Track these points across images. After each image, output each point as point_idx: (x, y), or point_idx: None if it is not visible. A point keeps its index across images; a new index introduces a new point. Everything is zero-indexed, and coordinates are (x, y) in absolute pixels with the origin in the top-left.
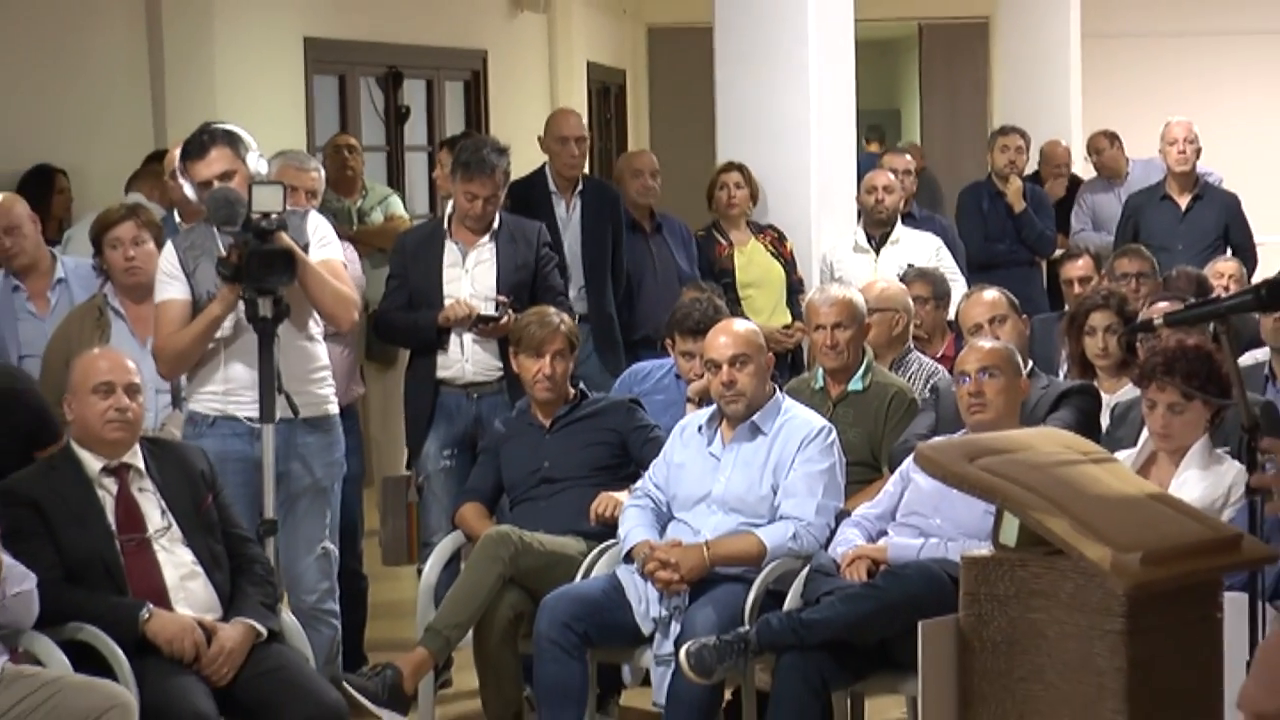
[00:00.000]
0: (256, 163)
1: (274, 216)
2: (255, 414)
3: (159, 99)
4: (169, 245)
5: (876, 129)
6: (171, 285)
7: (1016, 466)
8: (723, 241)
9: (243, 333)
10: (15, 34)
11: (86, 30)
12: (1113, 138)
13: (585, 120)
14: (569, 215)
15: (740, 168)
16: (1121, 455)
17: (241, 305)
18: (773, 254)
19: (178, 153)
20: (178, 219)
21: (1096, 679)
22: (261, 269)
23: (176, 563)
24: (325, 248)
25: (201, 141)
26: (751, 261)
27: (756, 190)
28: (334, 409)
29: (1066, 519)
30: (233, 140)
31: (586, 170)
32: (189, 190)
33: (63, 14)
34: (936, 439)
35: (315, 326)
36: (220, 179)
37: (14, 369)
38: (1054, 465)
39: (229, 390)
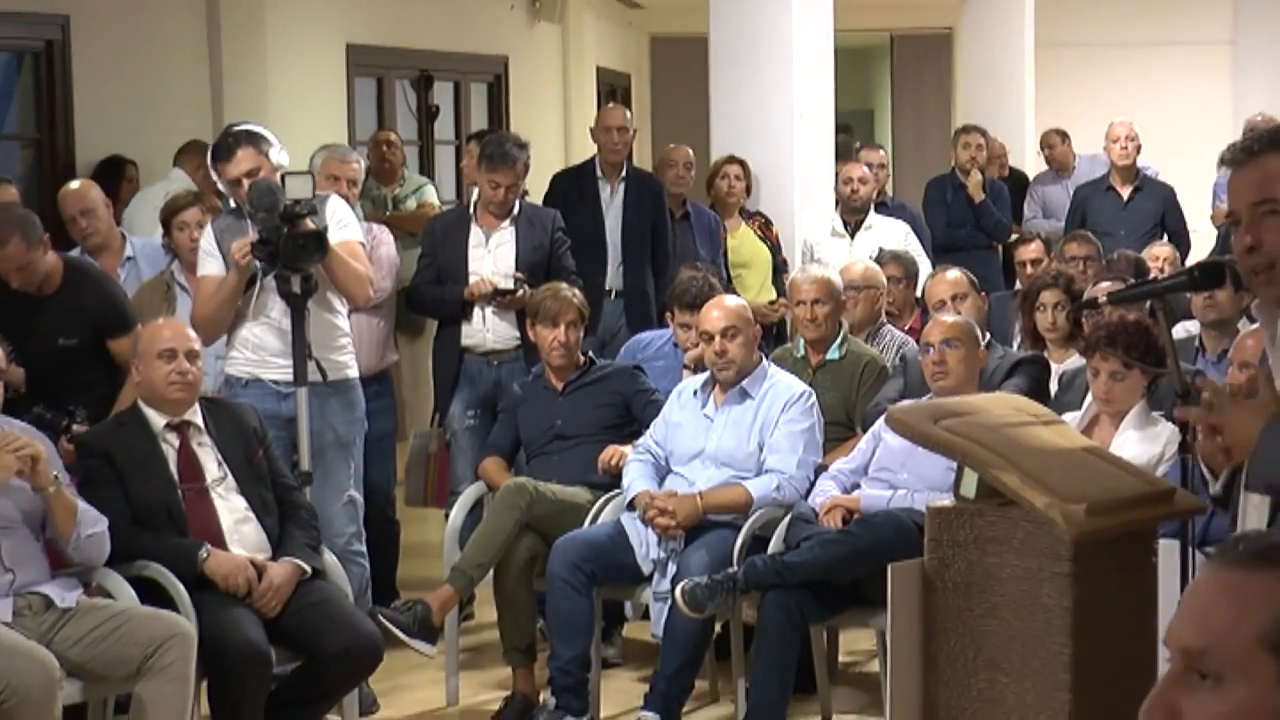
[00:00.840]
0: (279, 156)
1: (304, 202)
2: (283, 377)
3: (217, 100)
4: (208, 227)
5: (845, 129)
6: (209, 262)
7: (975, 427)
8: (722, 220)
9: (270, 304)
10: (96, 50)
11: (154, 42)
12: (1063, 135)
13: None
14: (612, 199)
15: (741, 162)
16: (1068, 417)
17: (275, 281)
18: (760, 238)
19: None
20: (233, 203)
21: (1045, 616)
22: (295, 250)
23: (231, 509)
24: (344, 229)
25: (228, 144)
26: (742, 244)
27: (752, 183)
28: (353, 373)
29: (1019, 474)
30: (255, 140)
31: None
32: (221, 186)
33: (135, 29)
34: (905, 402)
35: (337, 300)
36: (247, 176)
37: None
38: (1008, 426)
39: (260, 356)
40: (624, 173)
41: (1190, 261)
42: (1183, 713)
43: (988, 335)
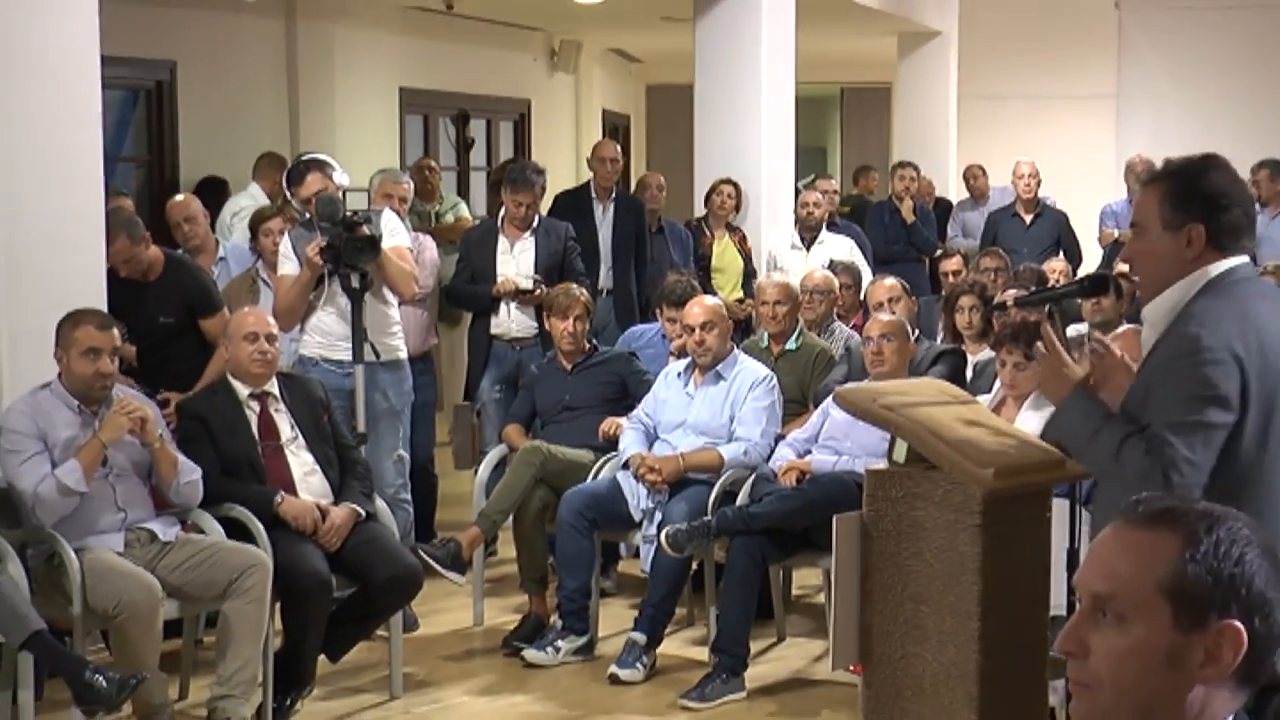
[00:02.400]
0: (340, 178)
1: (360, 213)
2: (345, 357)
3: (294, 131)
4: (286, 235)
5: None
6: (287, 264)
7: (906, 405)
8: (708, 234)
9: (335, 298)
10: (197, 90)
11: (244, 84)
12: (981, 170)
13: (617, 152)
14: (604, 216)
15: (735, 184)
16: (981, 399)
17: (338, 280)
18: (737, 250)
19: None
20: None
21: (960, 559)
22: (353, 252)
23: (301, 463)
24: (394, 237)
25: (300, 170)
26: (724, 253)
27: (742, 202)
28: (403, 354)
29: (941, 443)
30: (322, 165)
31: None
32: (295, 203)
33: (229, 73)
34: (849, 384)
35: (389, 294)
36: (315, 195)
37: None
38: (932, 405)
39: (327, 340)
40: (613, 194)
41: (1081, 274)
42: (1090, 646)
43: (917, 331)
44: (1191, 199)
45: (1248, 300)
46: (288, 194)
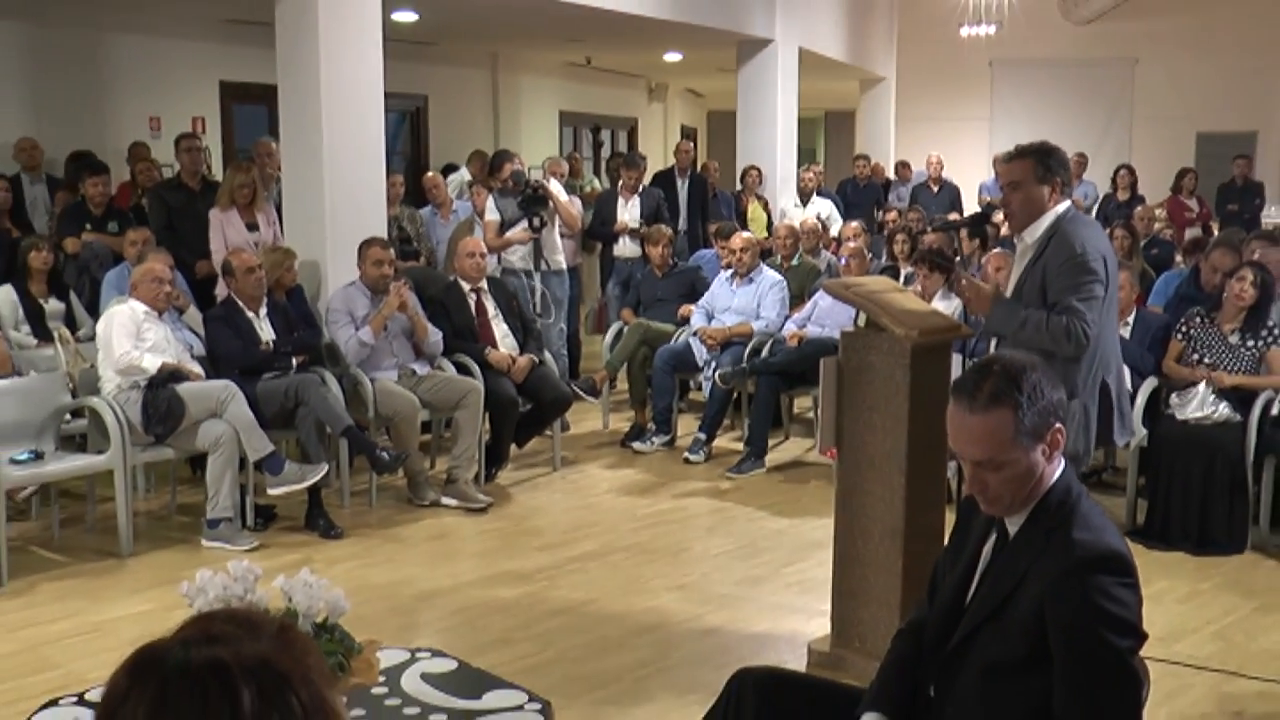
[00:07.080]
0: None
1: (538, 181)
2: (529, 267)
3: (496, 137)
4: (491, 198)
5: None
6: (492, 216)
7: (865, 292)
8: (744, 199)
9: (521, 232)
10: (439, 111)
11: (468, 111)
12: (906, 164)
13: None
14: (682, 186)
15: (759, 168)
16: (910, 290)
17: (526, 221)
18: (763, 208)
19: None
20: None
21: (895, 385)
22: (534, 204)
23: (500, 330)
24: (562, 194)
25: (498, 160)
26: (754, 210)
27: (764, 179)
28: (564, 266)
29: (887, 316)
30: (510, 157)
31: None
32: (495, 181)
33: (460, 108)
34: (831, 280)
35: (557, 230)
36: (513, 176)
37: (432, 271)
38: (882, 292)
39: (520, 256)
40: (688, 173)
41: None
42: (986, 483)
43: (870, 254)
44: (1055, 164)
45: (1091, 225)
46: (489, 174)
